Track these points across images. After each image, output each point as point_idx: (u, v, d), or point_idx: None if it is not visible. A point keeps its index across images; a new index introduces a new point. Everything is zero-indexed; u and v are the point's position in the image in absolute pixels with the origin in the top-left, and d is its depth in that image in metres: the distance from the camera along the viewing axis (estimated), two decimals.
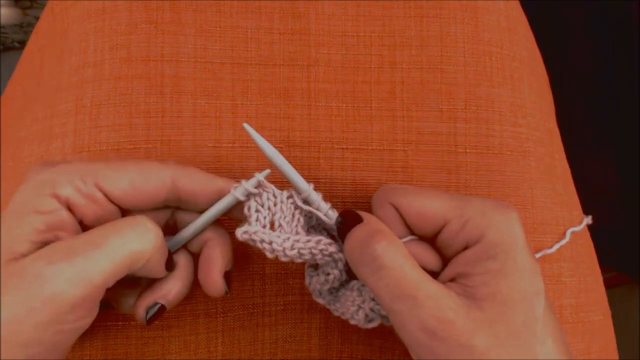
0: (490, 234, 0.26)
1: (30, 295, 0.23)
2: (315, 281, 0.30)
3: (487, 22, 0.39)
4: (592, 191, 0.48)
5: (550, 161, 0.39)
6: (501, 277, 0.25)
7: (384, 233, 0.27)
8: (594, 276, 0.39)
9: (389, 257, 0.26)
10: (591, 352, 0.37)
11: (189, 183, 0.28)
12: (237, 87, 0.36)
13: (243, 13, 0.37)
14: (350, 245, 0.27)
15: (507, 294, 0.25)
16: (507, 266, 0.25)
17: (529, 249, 0.26)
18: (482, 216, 0.27)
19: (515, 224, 0.27)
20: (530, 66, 0.40)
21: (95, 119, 0.35)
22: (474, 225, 0.27)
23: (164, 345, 0.34)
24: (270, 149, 0.28)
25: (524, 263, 0.26)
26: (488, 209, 0.27)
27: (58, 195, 0.26)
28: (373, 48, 0.38)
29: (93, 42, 0.37)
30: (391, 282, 0.25)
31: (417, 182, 0.36)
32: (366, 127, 0.37)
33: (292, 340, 0.35)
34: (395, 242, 0.27)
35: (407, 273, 0.25)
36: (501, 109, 0.38)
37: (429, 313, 0.24)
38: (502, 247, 0.26)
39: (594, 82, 0.76)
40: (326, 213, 0.29)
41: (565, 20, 0.76)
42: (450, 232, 0.27)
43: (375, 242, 0.26)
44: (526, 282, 0.25)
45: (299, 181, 0.29)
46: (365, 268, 0.26)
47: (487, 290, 0.25)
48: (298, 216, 0.29)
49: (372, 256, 0.26)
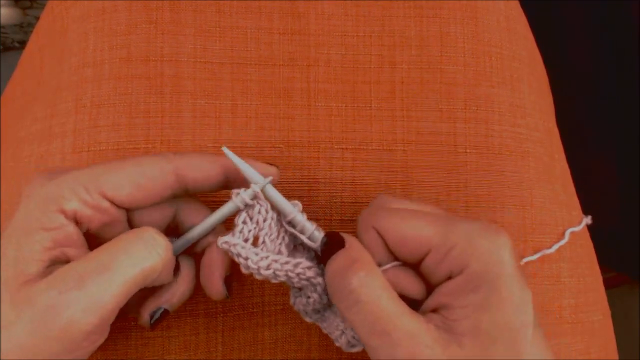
0: (474, 264, 0.24)
1: (44, 326, 0.23)
2: (299, 302, 0.29)
3: (486, 22, 0.39)
4: (592, 191, 0.48)
5: (549, 161, 0.39)
6: (483, 311, 0.24)
7: (362, 262, 0.26)
8: (594, 276, 0.39)
9: (365, 290, 0.25)
10: (591, 352, 0.37)
11: (192, 172, 0.28)
12: (236, 87, 0.36)
13: (243, 13, 0.37)
14: (330, 274, 0.26)
15: (489, 329, 0.24)
16: (491, 299, 0.24)
17: (519, 277, 0.25)
18: (466, 243, 0.25)
19: (504, 251, 0.25)
20: (530, 66, 0.40)
21: (94, 119, 0.35)
22: (458, 254, 0.25)
23: (164, 345, 0.34)
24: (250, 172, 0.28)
25: (510, 294, 0.24)
26: (474, 235, 0.25)
27: (65, 210, 0.26)
28: (373, 48, 0.38)
29: (93, 42, 0.37)
30: (366, 317, 0.24)
31: (416, 182, 0.36)
32: (366, 127, 0.37)
33: (291, 341, 0.35)
34: (373, 273, 0.25)
35: (382, 308, 0.24)
36: (501, 109, 0.38)
37: (404, 350, 0.24)
38: (486, 278, 0.24)
39: (594, 82, 0.76)
40: (312, 234, 0.28)
41: (565, 20, 0.76)
42: (433, 260, 0.26)
43: (351, 273, 0.25)
44: (511, 316, 0.24)
45: (283, 204, 0.28)
46: (341, 301, 0.26)
47: (468, 324, 0.24)
48: (283, 234, 0.28)
49: (347, 289, 0.25)
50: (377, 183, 0.36)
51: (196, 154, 0.29)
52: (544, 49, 0.44)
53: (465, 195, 0.36)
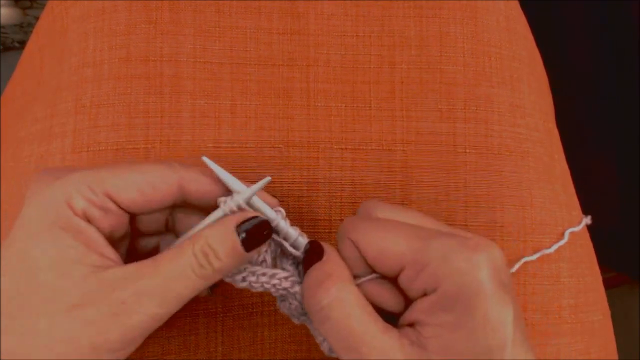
0: (446, 284, 0.24)
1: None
2: (283, 306, 0.29)
3: (486, 22, 0.39)
4: (591, 191, 0.48)
5: (549, 161, 0.39)
6: (456, 331, 0.23)
7: (335, 278, 0.25)
8: (593, 276, 0.39)
9: (336, 307, 0.25)
10: (590, 352, 0.37)
11: (195, 187, 0.28)
12: (236, 87, 0.36)
13: (242, 13, 0.37)
14: (305, 288, 0.27)
15: (461, 349, 0.23)
16: (463, 320, 0.23)
17: (498, 294, 0.24)
18: (441, 262, 0.24)
19: (481, 270, 0.24)
20: (530, 66, 0.40)
21: (94, 119, 0.35)
22: (431, 272, 0.24)
23: (163, 345, 0.34)
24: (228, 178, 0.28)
25: (485, 315, 0.23)
26: (449, 253, 0.24)
27: (74, 208, 0.25)
28: (372, 48, 0.38)
29: (92, 42, 0.37)
30: (338, 334, 0.24)
31: (416, 182, 0.36)
32: (365, 127, 0.37)
33: (291, 341, 0.35)
34: (345, 289, 0.25)
35: (353, 325, 0.24)
36: (500, 109, 0.38)
37: None
38: (460, 298, 0.23)
39: (594, 82, 0.76)
40: (296, 240, 0.28)
41: (565, 20, 0.76)
42: (406, 277, 0.26)
43: (324, 289, 0.25)
44: (485, 336, 0.23)
45: (266, 210, 0.28)
46: (314, 315, 0.26)
47: (439, 343, 0.24)
48: (269, 241, 0.28)
49: (319, 306, 0.25)
50: (377, 183, 0.36)
51: (201, 170, 0.29)
52: (544, 49, 0.44)
53: (464, 196, 0.36)
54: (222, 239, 0.26)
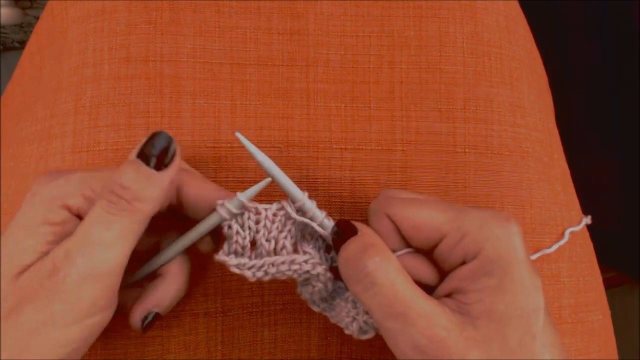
0: (488, 248, 0.25)
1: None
2: (305, 291, 0.29)
3: (486, 22, 0.39)
4: (592, 191, 0.48)
5: (549, 161, 0.39)
6: (498, 295, 0.24)
7: (376, 247, 0.26)
8: (593, 276, 0.39)
9: (381, 273, 0.25)
10: (590, 352, 0.37)
11: (193, 193, 0.29)
12: (236, 87, 0.36)
13: (242, 13, 0.37)
14: (343, 259, 0.27)
15: (503, 311, 0.24)
16: (504, 283, 0.25)
17: (529, 263, 0.25)
18: (480, 229, 0.26)
19: (516, 238, 0.25)
20: (530, 66, 0.40)
21: (94, 119, 0.35)
22: (472, 239, 0.26)
23: (163, 345, 0.34)
24: (263, 158, 0.28)
25: (522, 279, 0.25)
26: (487, 221, 0.26)
27: (69, 205, 0.26)
28: (372, 48, 0.38)
29: (92, 42, 0.37)
30: (383, 300, 0.25)
31: (415, 182, 0.36)
32: (365, 127, 0.37)
33: (291, 340, 0.35)
34: (388, 257, 0.26)
35: (399, 290, 0.25)
36: (500, 109, 0.38)
37: (421, 332, 0.24)
38: (500, 263, 0.25)
39: (594, 82, 0.76)
40: (321, 222, 0.28)
41: (565, 20, 0.76)
42: (447, 246, 0.27)
43: (367, 257, 0.26)
44: (524, 299, 0.25)
45: (293, 190, 0.28)
46: (357, 284, 0.26)
47: (482, 307, 0.25)
48: (289, 226, 0.28)
49: (363, 273, 0.25)
50: (376, 183, 0.36)
51: (202, 178, 0.29)
52: (543, 49, 0.44)
53: (464, 196, 0.36)
54: (123, 169, 0.26)
